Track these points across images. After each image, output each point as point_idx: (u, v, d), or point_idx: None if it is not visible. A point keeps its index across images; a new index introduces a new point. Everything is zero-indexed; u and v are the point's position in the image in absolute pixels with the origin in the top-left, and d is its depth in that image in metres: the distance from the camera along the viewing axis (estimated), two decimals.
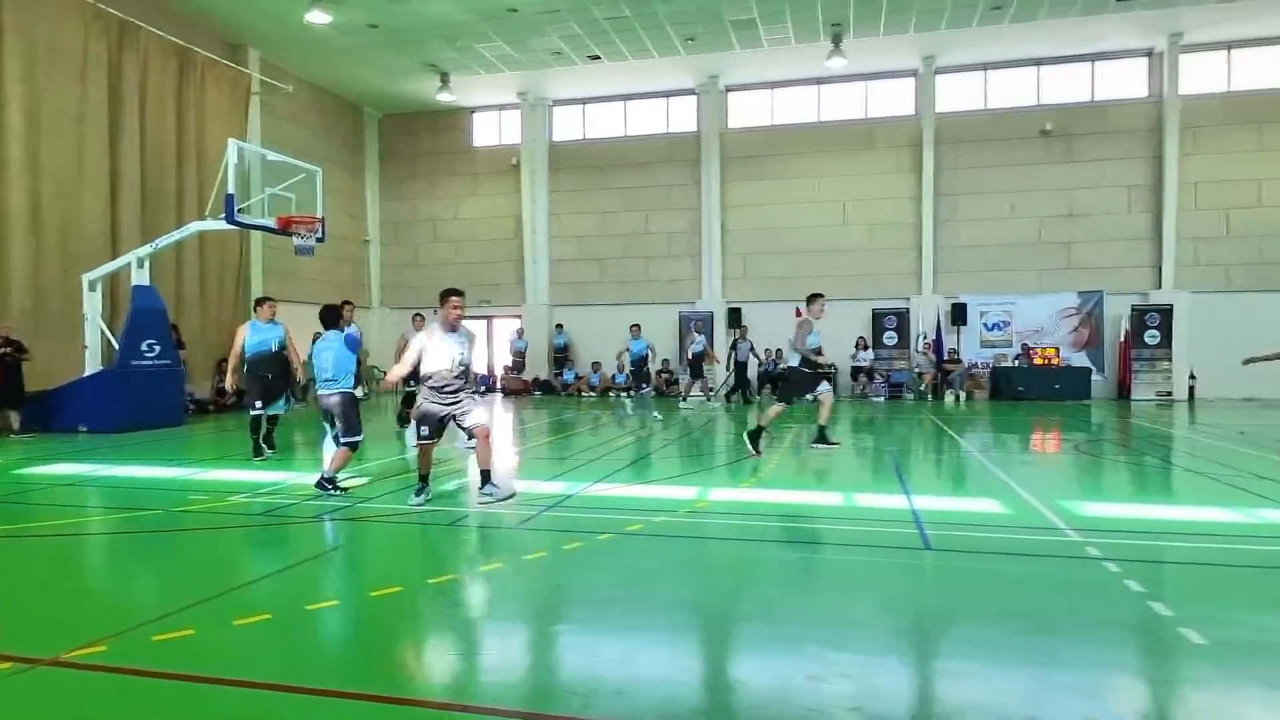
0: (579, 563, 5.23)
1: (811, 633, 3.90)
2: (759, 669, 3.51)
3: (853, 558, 5.43)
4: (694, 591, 4.73)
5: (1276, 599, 4.44)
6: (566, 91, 22.91)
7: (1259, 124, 19.27)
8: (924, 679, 3.53)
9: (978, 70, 20.89)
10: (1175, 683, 3.43)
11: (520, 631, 4.14)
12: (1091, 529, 5.96)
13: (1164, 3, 16.95)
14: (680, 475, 8.64)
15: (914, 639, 3.96)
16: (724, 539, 6.04)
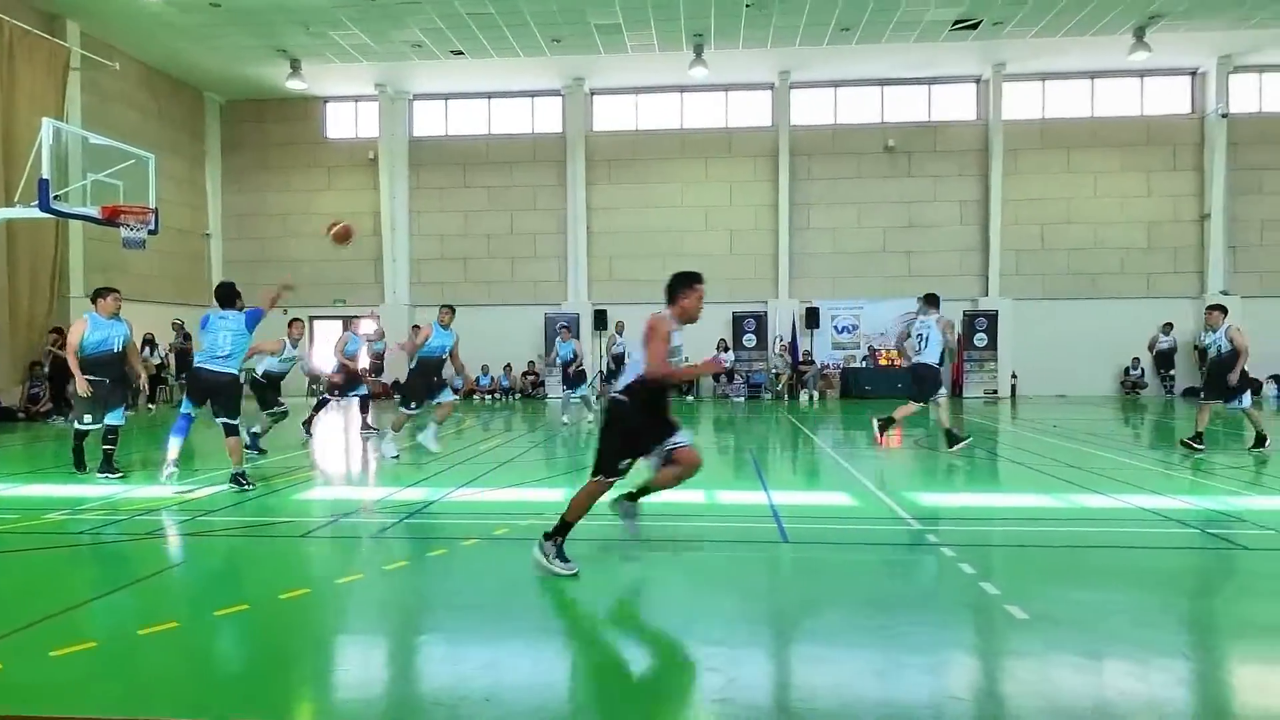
0: (442, 570, 5.09)
1: (678, 628, 3.98)
2: (625, 667, 3.55)
3: (716, 553, 5.59)
4: (561, 594, 4.71)
5: (1085, 575, 4.95)
6: (428, 86, 22.28)
7: (1068, 149, 21.46)
8: (784, 666, 3.69)
9: (829, 87, 22.06)
10: (1004, 655, 3.76)
11: (380, 644, 3.98)
12: (930, 518, 6.42)
13: (989, 35, 18.54)
14: (548, 478, 8.60)
15: (775, 629, 4.13)
16: (590, 540, 6.05)
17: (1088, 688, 3.34)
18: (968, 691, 3.36)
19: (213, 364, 7.54)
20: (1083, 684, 3.37)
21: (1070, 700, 3.19)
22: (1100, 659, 3.60)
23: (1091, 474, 8.55)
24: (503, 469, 9.26)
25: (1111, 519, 6.48)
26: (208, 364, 7.57)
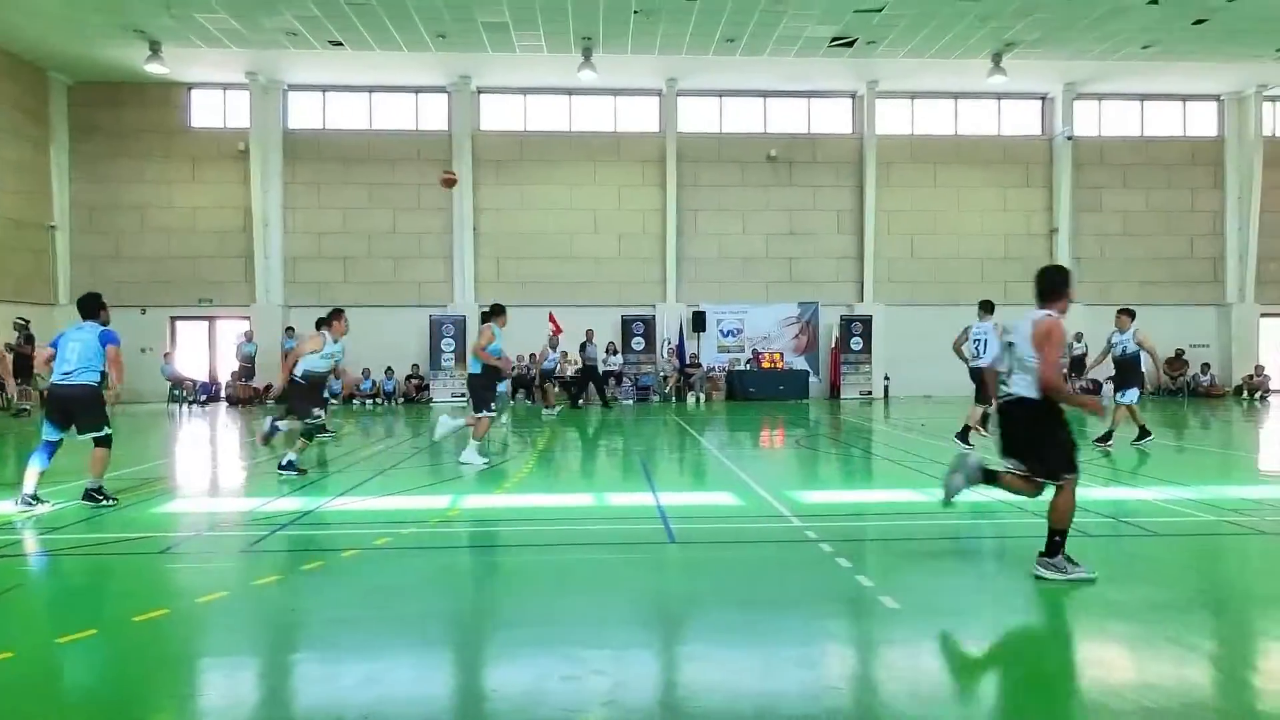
0: (318, 584, 4.86)
1: (565, 633, 3.95)
2: (513, 675, 3.49)
3: (604, 556, 5.59)
4: (445, 603, 4.59)
5: (951, 565, 5.26)
6: (304, 76, 21.30)
7: (935, 164, 22.84)
8: (670, 666, 3.73)
9: (714, 96, 22.59)
10: (877, 644, 3.93)
11: (248, 666, 3.75)
12: (809, 514, 6.66)
13: (863, 53, 19.49)
14: (432, 484, 8.36)
15: (661, 629, 4.17)
16: (476, 547, 5.94)
17: (951, 671, 3.55)
18: (844, 680, 3.50)
19: (62, 379, 6.91)
20: (947, 668, 3.58)
21: (935, 683, 3.38)
22: (964, 642, 3.84)
23: None
24: (385, 476, 8.94)
25: (974, 511, 6.91)
26: (58, 380, 6.92)
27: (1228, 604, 4.61)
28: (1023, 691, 3.36)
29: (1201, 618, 4.29)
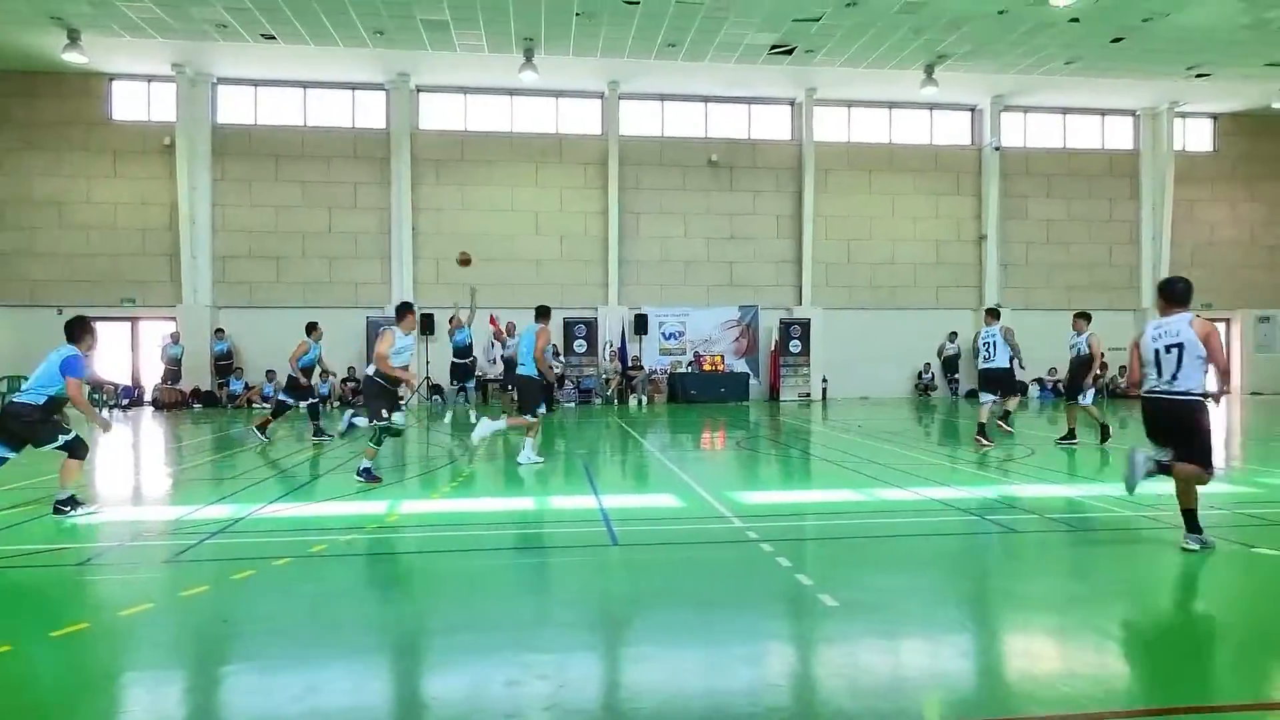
0: (250, 593, 4.71)
1: (507, 638, 3.92)
2: (454, 682, 3.45)
3: (546, 559, 5.57)
4: (384, 610, 4.51)
5: (886, 563, 5.40)
6: (235, 69, 20.64)
7: (870, 171, 23.39)
8: (614, 668, 3.73)
9: (656, 100, 22.71)
10: (816, 641, 4.01)
11: (177, 680, 3.62)
12: (750, 515, 6.75)
13: (802, 61, 19.86)
14: (370, 489, 8.19)
15: (604, 632, 4.17)
16: (416, 553, 5.85)
17: (886, 665, 3.64)
18: (784, 678, 3.56)
19: (15, 396, 6.90)
20: (882, 662, 3.67)
21: (871, 678, 3.47)
22: (897, 638, 3.95)
23: (890, 469, 9.35)
24: (321, 481, 8.72)
25: (907, 510, 7.11)
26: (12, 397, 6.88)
27: (1142, 594, 4.84)
28: (954, 683, 3.47)
29: (1119, 608, 4.50)
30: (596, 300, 22.28)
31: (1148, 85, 21.73)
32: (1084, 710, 3.09)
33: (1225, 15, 17.11)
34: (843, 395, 22.92)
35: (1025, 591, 4.81)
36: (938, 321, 23.14)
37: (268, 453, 11.14)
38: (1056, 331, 22.15)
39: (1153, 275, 23.93)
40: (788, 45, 18.88)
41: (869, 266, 23.40)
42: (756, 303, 22.79)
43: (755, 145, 23.05)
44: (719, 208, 22.87)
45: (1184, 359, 5.30)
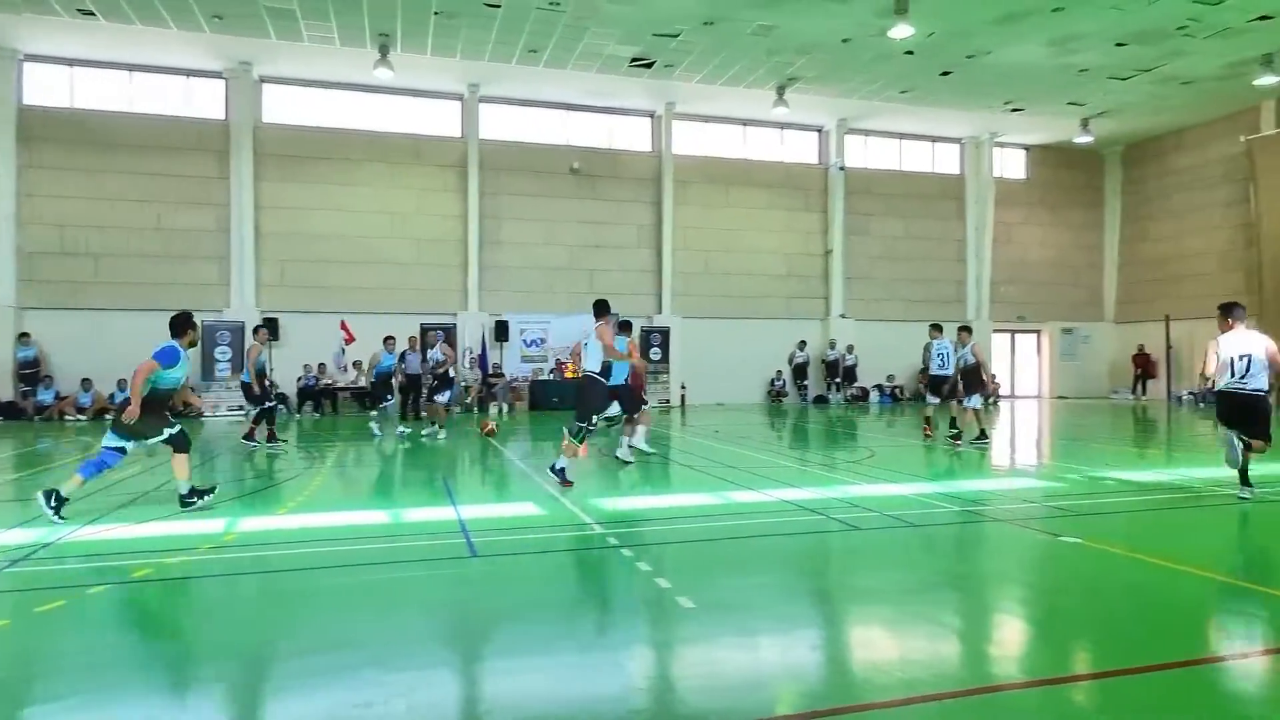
0: (59, 626, 4.25)
1: (360, 658, 3.75)
2: (303, 708, 3.26)
3: (401, 574, 5.37)
4: (221, 637, 4.19)
5: (741, 564, 5.59)
6: (47, 46, 18.65)
7: (727, 185, 24.24)
8: (473, 682, 3.65)
9: (518, 105, 22.54)
10: (675, 643, 4.10)
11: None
12: (612, 521, 6.81)
13: (662, 75, 20.32)
14: (206, 506, 7.59)
15: (465, 647, 4.07)
16: (257, 573, 5.48)
17: (742, 662, 3.77)
18: (644, 680, 3.61)
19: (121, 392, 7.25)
20: (738, 659, 3.80)
21: (728, 674, 3.58)
22: (754, 635, 4.10)
23: (745, 472, 9.71)
24: (147, 500, 8.00)
25: (761, 511, 7.40)
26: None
27: (966, 583, 5.28)
28: (806, 676, 3.65)
29: (945, 596, 4.88)
30: (456, 306, 21.78)
31: (971, 116, 23.82)
32: (920, 693, 3.33)
33: (1035, 58, 19.05)
34: (700, 401, 23.55)
35: (866, 585, 5.12)
36: (789, 331, 24.27)
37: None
38: (896, 340, 23.87)
39: (976, 290, 26.18)
40: (648, 59, 19.27)
41: (725, 277, 24.21)
42: (617, 311, 22.97)
43: (617, 155, 23.34)
44: (581, 216, 22.97)
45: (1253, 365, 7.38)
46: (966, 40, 18.03)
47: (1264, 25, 17.17)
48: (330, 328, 18.73)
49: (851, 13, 16.54)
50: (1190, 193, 25.10)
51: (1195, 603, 4.73)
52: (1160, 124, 24.60)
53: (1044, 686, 3.46)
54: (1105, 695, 3.41)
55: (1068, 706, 3.33)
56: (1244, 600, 4.76)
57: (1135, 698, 3.35)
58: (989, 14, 16.62)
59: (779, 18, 16.87)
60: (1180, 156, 25.39)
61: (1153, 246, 26.45)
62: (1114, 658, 3.81)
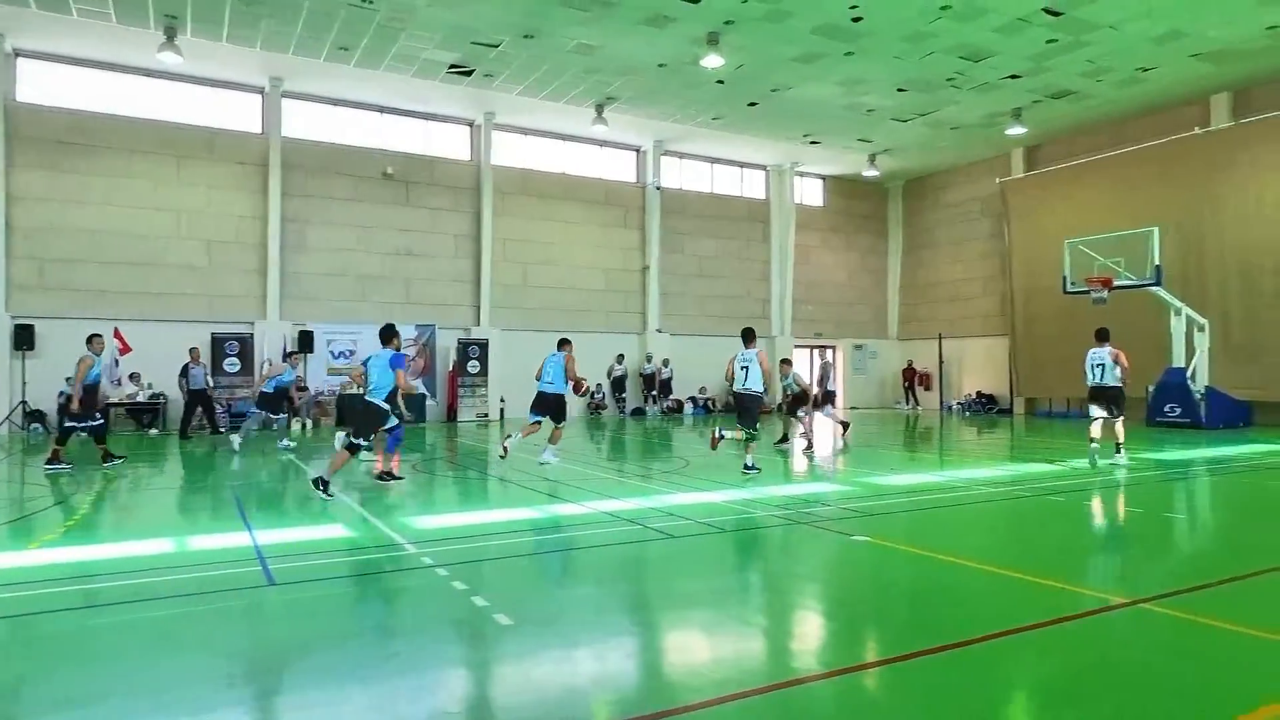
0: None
1: (128, 707, 3.35)
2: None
3: (184, 609, 4.87)
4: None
5: (560, 577, 5.59)
6: None
7: (546, 198, 24.28)
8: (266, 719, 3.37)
9: (328, 104, 21.34)
10: (492, 662, 4.01)
11: None
12: (426, 540, 6.57)
13: (481, 84, 20.05)
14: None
15: (257, 684, 3.75)
16: (4, 618, 4.75)
17: (561, 675, 3.76)
18: (459, 704, 3.50)
19: (370, 398, 9.09)
20: (557, 672, 3.79)
21: (546, 689, 3.55)
22: (573, 648, 4.10)
23: (564, 485, 9.72)
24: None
25: (580, 523, 7.44)
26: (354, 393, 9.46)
27: (772, 583, 5.60)
28: (623, 683, 3.70)
29: (754, 597, 5.14)
30: (253, 314, 20.16)
31: (776, 146, 25.50)
32: (730, 692, 3.48)
33: (829, 96, 20.76)
34: (521, 414, 23.29)
35: (681, 590, 5.29)
36: (608, 344, 24.67)
37: None
38: (708, 354, 24.93)
39: (780, 307, 27.97)
40: (467, 67, 18.95)
41: (545, 290, 24.21)
42: (435, 322, 22.35)
43: (434, 162, 22.71)
44: (396, 223, 22.10)
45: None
46: (771, 75, 19.30)
47: (1014, 83, 19.79)
48: (104, 334, 16.67)
49: (668, 40, 17.20)
50: (958, 225, 28.34)
51: (967, 591, 5.31)
52: (934, 163, 27.61)
53: (840, 675, 3.73)
54: (893, 678, 3.73)
55: (860, 693, 3.61)
56: (1007, 585, 5.41)
57: (919, 679, 3.69)
58: (790, 52, 17.91)
59: (599, 38, 17.21)
60: (950, 193, 28.63)
61: (928, 272, 29.57)
62: (901, 644, 4.19)
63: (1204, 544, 7.11)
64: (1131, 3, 15.52)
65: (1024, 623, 4.43)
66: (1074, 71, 19.07)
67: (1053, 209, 24.05)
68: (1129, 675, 3.74)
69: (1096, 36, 17.07)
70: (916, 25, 16.47)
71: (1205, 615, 4.53)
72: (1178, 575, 5.80)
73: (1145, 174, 21.80)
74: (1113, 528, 7.71)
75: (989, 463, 12.40)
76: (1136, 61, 18.51)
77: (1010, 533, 7.61)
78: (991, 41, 17.29)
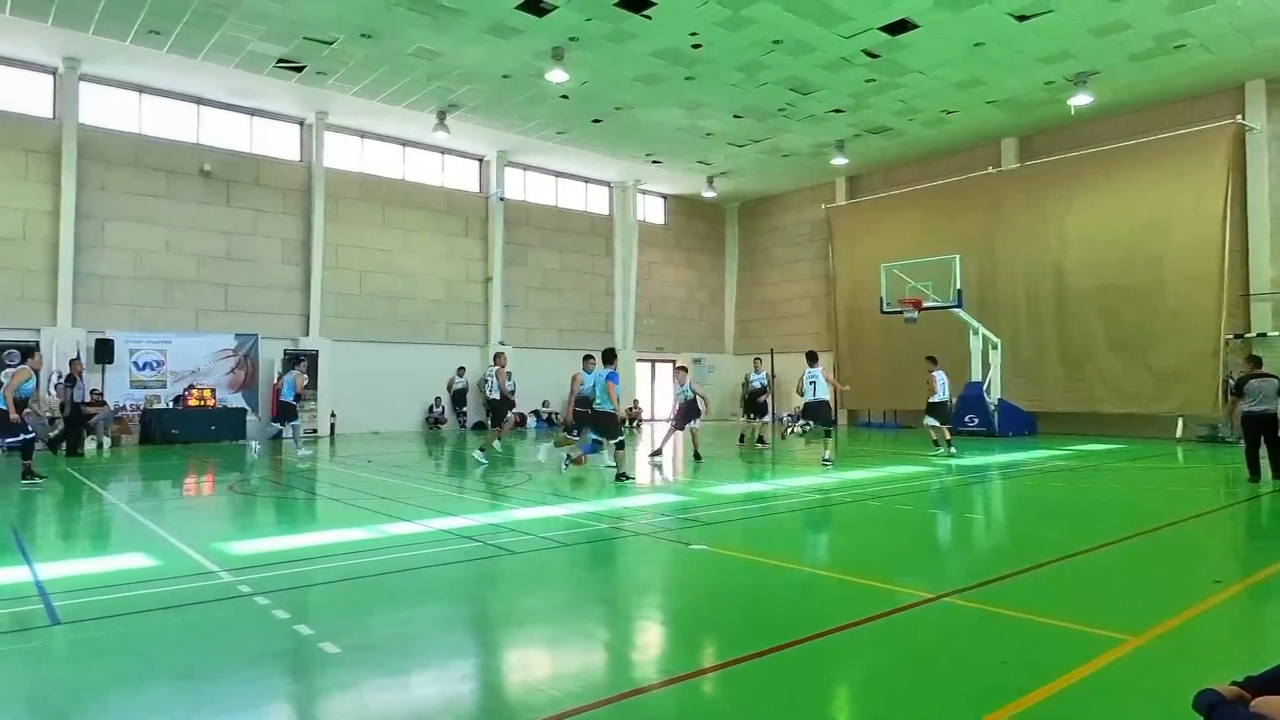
0: None
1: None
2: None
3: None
4: None
5: (393, 599, 5.34)
6: None
7: (384, 204, 23.38)
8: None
9: (133, 91, 19.45)
10: (319, 694, 3.75)
11: None
12: (244, 567, 6.07)
13: (312, 81, 19.02)
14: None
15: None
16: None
17: (391, 703, 3.58)
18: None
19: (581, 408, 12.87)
20: (388, 700, 3.60)
21: (375, 718, 3.37)
22: (407, 674, 3.92)
23: (400, 503, 9.33)
24: None
25: (417, 542, 7.16)
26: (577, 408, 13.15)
27: (612, 595, 5.63)
28: (456, 708, 3.57)
29: (594, 610, 5.15)
30: (40, 320, 17.96)
31: (619, 163, 25.95)
32: (569, 708, 3.45)
33: (670, 119, 21.41)
34: (354, 430, 22.22)
35: (520, 607, 5.20)
36: (448, 357, 24.02)
37: None
38: (552, 368, 24.82)
39: (623, 321, 28.39)
40: (298, 62, 17.92)
41: (382, 299, 23.25)
42: (257, 331, 20.85)
43: (260, 161, 21.25)
44: (213, 224, 20.45)
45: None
46: (615, 93, 19.65)
47: (838, 117, 21.29)
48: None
49: (513, 51, 17.09)
50: (789, 247, 30.02)
51: (797, 593, 5.58)
52: (767, 187, 29.13)
53: (680, 682, 3.80)
54: (730, 681, 3.85)
55: (699, 698, 3.69)
56: (832, 586, 5.73)
57: (753, 680, 3.83)
58: (633, 72, 18.32)
59: (442, 44, 16.82)
60: (782, 216, 30.29)
61: (761, 290, 31.09)
62: (736, 647, 4.33)
63: (998, 541, 7.89)
64: (937, 51, 17.16)
65: (847, 620, 4.71)
66: (889, 110, 20.80)
67: (871, 235, 26.05)
68: (938, 663, 4.07)
69: (908, 79, 18.71)
70: (751, 55, 17.35)
71: (1000, 605, 5.02)
72: (976, 570, 6.40)
73: (948, 206, 24.11)
74: (923, 528, 8.39)
75: (815, 471, 13.15)
76: (942, 104, 20.45)
77: (835, 537, 8.10)
78: (819, 77, 18.52)
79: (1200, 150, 19.34)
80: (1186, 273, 19.40)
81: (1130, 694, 3.69)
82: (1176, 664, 4.05)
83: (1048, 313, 21.96)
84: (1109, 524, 8.25)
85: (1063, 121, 21.48)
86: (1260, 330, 18.80)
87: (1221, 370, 18.60)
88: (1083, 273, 21.31)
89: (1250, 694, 2.18)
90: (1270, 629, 4.74)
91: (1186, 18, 15.67)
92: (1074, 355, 21.31)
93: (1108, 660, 4.02)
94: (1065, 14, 15.49)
